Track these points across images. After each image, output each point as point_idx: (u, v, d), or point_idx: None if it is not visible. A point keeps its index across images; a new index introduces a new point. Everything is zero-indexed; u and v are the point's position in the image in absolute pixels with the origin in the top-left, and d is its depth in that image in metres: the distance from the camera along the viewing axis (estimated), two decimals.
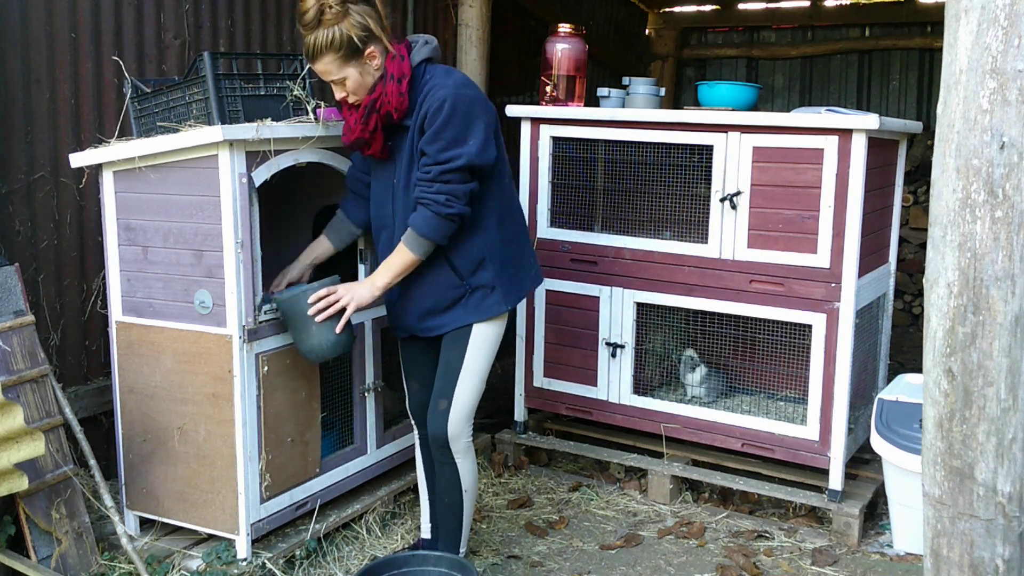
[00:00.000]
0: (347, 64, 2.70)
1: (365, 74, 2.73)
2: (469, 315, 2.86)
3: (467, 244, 2.83)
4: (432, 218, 2.72)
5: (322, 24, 2.66)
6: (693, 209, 3.73)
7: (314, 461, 3.22)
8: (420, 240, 2.75)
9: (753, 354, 3.88)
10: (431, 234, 2.74)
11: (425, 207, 2.73)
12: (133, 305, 3.09)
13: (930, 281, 2.01)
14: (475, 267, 2.85)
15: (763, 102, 7.64)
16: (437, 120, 2.68)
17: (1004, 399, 1.94)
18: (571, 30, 4.03)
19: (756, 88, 3.78)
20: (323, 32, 2.66)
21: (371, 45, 2.70)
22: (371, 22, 2.69)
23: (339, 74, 2.72)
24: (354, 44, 2.67)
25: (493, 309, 2.88)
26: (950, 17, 1.92)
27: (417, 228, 2.74)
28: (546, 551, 3.41)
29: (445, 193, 2.71)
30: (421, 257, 2.78)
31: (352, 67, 2.71)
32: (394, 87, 2.71)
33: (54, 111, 3.41)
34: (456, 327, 2.87)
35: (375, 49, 2.71)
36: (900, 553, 3.42)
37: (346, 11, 2.66)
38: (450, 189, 2.71)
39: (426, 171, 2.73)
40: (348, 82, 2.73)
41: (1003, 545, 2.00)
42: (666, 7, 7.97)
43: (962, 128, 1.90)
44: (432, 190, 2.72)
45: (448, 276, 2.85)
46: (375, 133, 2.77)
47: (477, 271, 2.85)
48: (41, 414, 2.95)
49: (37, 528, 2.90)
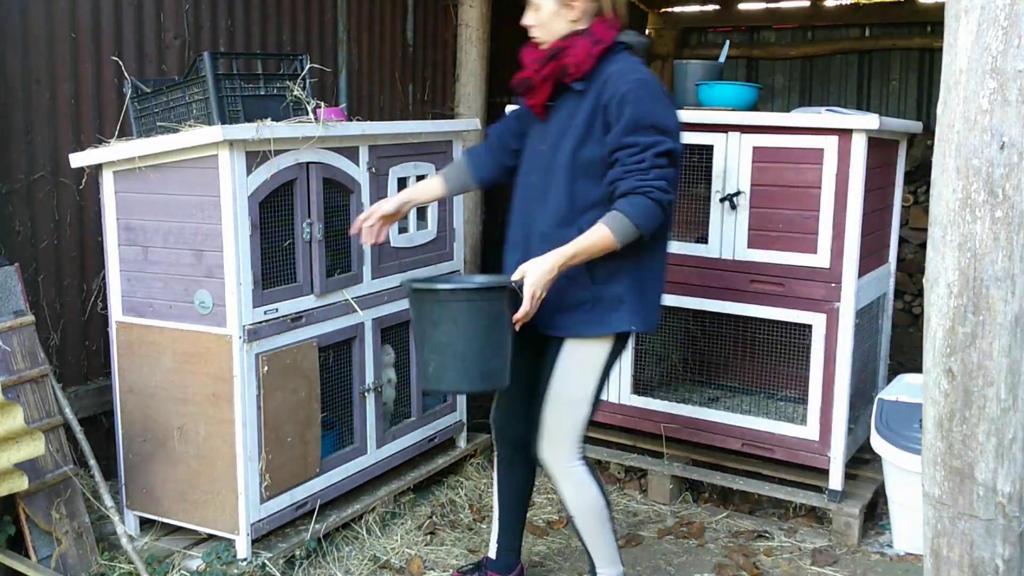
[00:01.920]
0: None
1: (558, 16, 2.58)
2: (585, 326, 2.61)
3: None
4: (651, 206, 2.47)
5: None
6: (693, 209, 3.73)
7: (314, 461, 3.22)
8: (629, 226, 2.47)
9: (753, 354, 3.88)
10: (645, 224, 2.48)
11: (644, 195, 2.47)
12: (133, 305, 3.09)
13: (930, 281, 2.01)
14: (610, 275, 2.59)
15: (763, 102, 7.63)
16: (636, 109, 2.49)
17: (1004, 399, 1.94)
18: None
19: (756, 88, 3.78)
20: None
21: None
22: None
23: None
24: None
25: (615, 324, 2.61)
26: (950, 17, 1.92)
27: (631, 214, 2.46)
28: (546, 551, 3.41)
29: (663, 179, 2.49)
30: (620, 244, 2.49)
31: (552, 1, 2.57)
32: (587, 44, 2.54)
33: (54, 111, 3.41)
34: (564, 334, 2.63)
35: (580, 3, 2.56)
36: (900, 553, 3.42)
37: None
38: (665, 174, 2.49)
39: (638, 160, 2.48)
40: (541, 12, 2.59)
41: (1003, 545, 2.00)
42: (666, 7, 7.97)
43: (962, 128, 1.90)
44: (650, 177, 2.47)
45: (581, 275, 2.57)
46: (544, 82, 2.60)
47: (611, 280, 2.59)
48: (41, 414, 2.95)
49: (37, 528, 2.90)
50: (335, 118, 3.23)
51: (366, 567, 3.22)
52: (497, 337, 2.42)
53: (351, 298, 3.29)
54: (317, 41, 4.55)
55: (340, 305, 3.27)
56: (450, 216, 3.80)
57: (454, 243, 3.83)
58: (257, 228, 2.94)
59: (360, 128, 3.26)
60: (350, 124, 3.24)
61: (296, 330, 3.10)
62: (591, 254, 2.50)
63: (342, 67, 4.69)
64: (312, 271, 3.15)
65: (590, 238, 2.49)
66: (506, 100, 5.56)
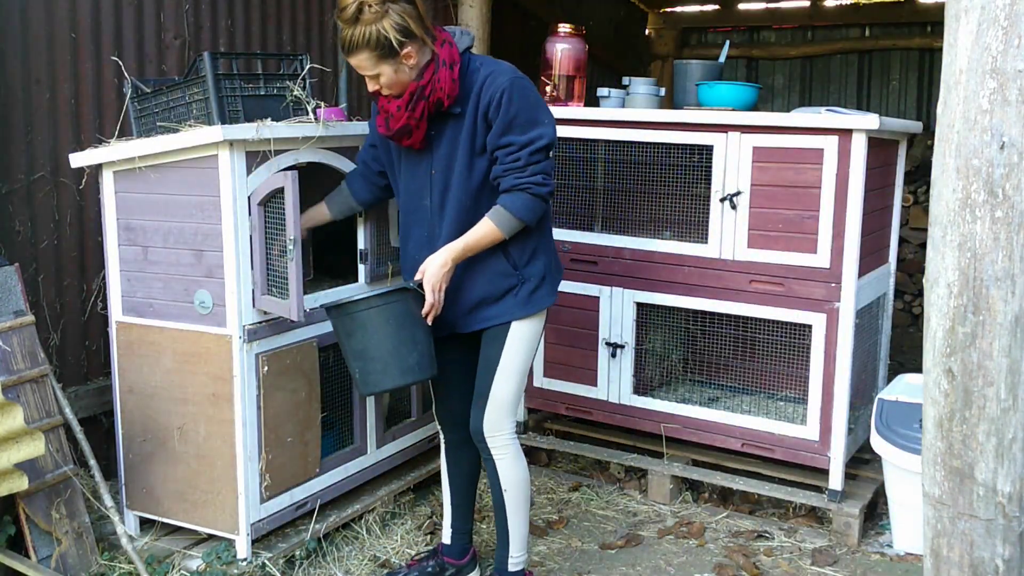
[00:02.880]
0: (382, 62, 2.67)
1: (400, 72, 2.69)
2: (519, 308, 2.84)
3: (523, 233, 2.80)
4: (530, 200, 2.72)
5: (360, 22, 2.62)
6: (693, 209, 3.73)
7: (314, 461, 3.22)
8: (512, 220, 2.72)
9: (753, 354, 3.88)
10: (526, 215, 2.73)
11: (523, 191, 2.71)
12: (133, 305, 3.09)
13: (930, 281, 2.01)
14: (529, 257, 2.84)
15: (763, 102, 7.64)
16: (511, 108, 2.68)
17: (1004, 399, 1.94)
18: (571, 30, 4.03)
19: (756, 88, 3.78)
20: (360, 29, 2.62)
21: (409, 45, 2.65)
22: (411, 22, 2.64)
23: (373, 71, 2.69)
24: (391, 44, 2.63)
25: (541, 302, 2.88)
26: (950, 17, 1.92)
27: (512, 208, 2.71)
28: (546, 551, 3.41)
29: (540, 173, 2.71)
30: (506, 235, 2.75)
31: (387, 65, 2.67)
32: (446, 73, 2.68)
33: (54, 111, 3.41)
34: (503, 321, 2.84)
35: (412, 49, 2.66)
36: (900, 553, 3.42)
37: (386, 11, 2.61)
38: (542, 168, 2.71)
39: (515, 159, 2.70)
40: (383, 78, 2.70)
41: (1003, 545, 2.00)
42: (666, 7, 7.97)
43: (962, 128, 1.91)
44: (527, 174, 2.70)
45: (502, 264, 2.82)
46: (420, 121, 2.72)
47: (530, 262, 2.85)
48: (41, 414, 2.95)
49: (37, 528, 2.90)
50: (335, 118, 3.23)
51: (366, 567, 3.22)
52: (409, 335, 2.70)
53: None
54: (317, 41, 4.55)
55: None
56: None
57: None
58: (257, 228, 2.94)
59: (360, 128, 3.26)
60: (350, 124, 3.24)
61: (296, 330, 3.10)
62: (480, 247, 2.76)
63: (342, 67, 4.69)
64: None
65: (477, 233, 2.74)
66: None
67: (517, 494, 2.94)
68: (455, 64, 2.70)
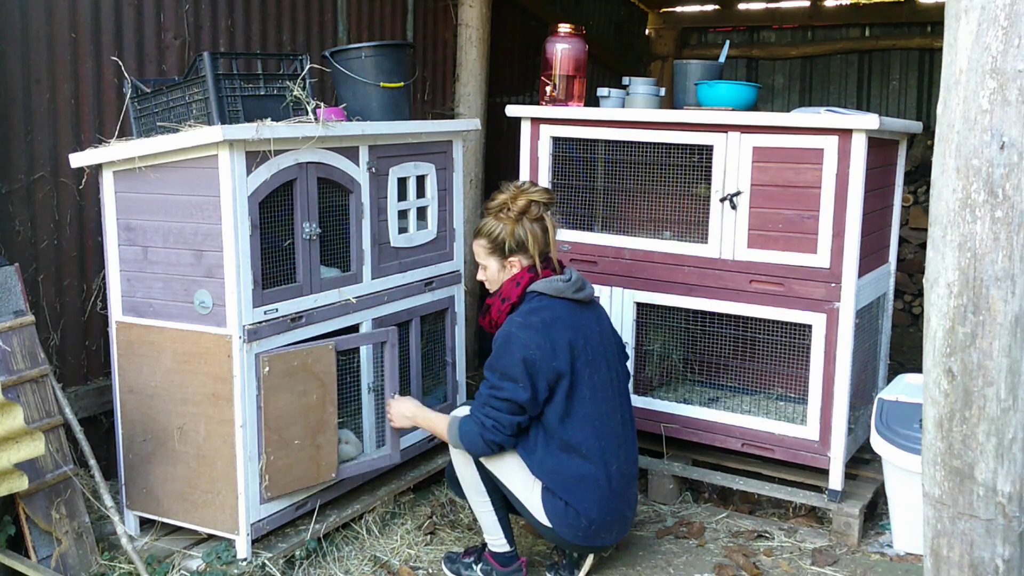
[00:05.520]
0: (491, 256, 3.04)
1: (502, 272, 3.05)
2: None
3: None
4: (475, 435, 2.92)
5: (497, 216, 3.01)
6: (693, 209, 3.73)
7: (328, 466, 3.18)
8: (455, 434, 2.97)
9: (753, 354, 3.88)
10: (465, 441, 2.95)
11: (476, 422, 2.92)
12: (133, 305, 3.09)
13: (930, 281, 2.01)
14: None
15: (763, 102, 7.65)
16: (495, 351, 2.93)
17: (1004, 399, 1.94)
18: (571, 30, 4.03)
19: (756, 88, 3.78)
20: (492, 222, 3.02)
21: (517, 255, 3.01)
22: (530, 240, 2.99)
23: (483, 260, 3.07)
24: (504, 246, 3.01)
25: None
26: (950, 17, 1.92)
27: (460, 426, 2.95)
28: (546, 551, 3.40)
29: (492, 419, 2.89)
30: (449, 442, 3.02)
31: (494, 260, 3.04)
32: (498, 303, 3.05)
33: (54, 111, 3.41)
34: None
35: (517, 260, 3.02)
36: (900, 553, 3.42)
37: (519, 220, 2.99)
38: (496, 416, 2.89)
39: (481, 392, 2.95)
40: (487, 270, 3.07)
41: (1003, 545, 2.00)
42: (666, 7, 7.97)
43: (962, 128, 1.91)
44: (482, 412, 2.91)
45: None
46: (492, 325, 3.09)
47: None
48: (41, 414, 2.95)
49: (37, 528, 2.90)
50: (335, 118, 3.23)
51: (366, 567, 3.22)
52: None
53: (352, 297, 3.30)
54: (317, 41, 4.55)
55: (340, 306, 3.27)
56: (450, 216, 3.80)
57: (454, 243, 3.83)
58: (257, 228, 2.94)
59: (360, 128, 3.26)
60: (350, 124, 3.24)
61: (297, 330, 3.11)
62: (431, 429, 3.17)
63: None
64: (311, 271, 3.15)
65: (435, 421, 3.12)
66: (506, 100, 5.56)
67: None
68: (507, 300, 3.03)
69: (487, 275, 3.08)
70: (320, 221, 3.15)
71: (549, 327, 2.90)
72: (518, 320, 2.93)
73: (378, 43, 3.54)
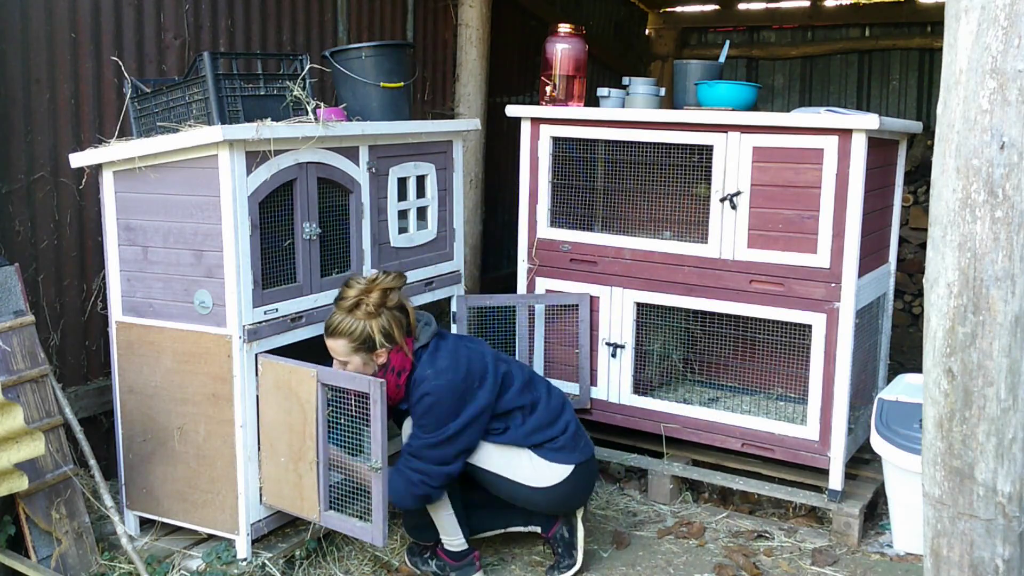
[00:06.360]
0: (356, 353, 2.93)
1: (367, 364, 2.95)
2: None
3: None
4: (401, 483, 2.95)
5: (353, 314, 2.91)
6: (693, 209, 3.73)
7: (310, 504, 2.96)
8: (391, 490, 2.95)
9: (753, 354, 3.88)
10: (396, 500, 2.98)
11: (401, 476, 2.95)
12: (133, 305, 3.09)
13: (930, 281, 2.01)
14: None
15: (763, 102, 7.64)
16: (419, 410, 2.94)
17: (1004, 399, 1.94)
18: (571, 30, 4.03)
19: (756, 88, 3.78)
20: (350, 320, 2.91)
21: (385, 347, 2.93)
22: (395, 330, 2.94)
23: (344, 357, 2.94)
24: (371, 342, 2.92)
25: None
26: (950, 17, 1.92)
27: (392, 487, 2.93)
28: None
29: (420, 472, 2.94)
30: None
31: (359, 356, 2.93)
32: (392, 379, 2.96)
33: (54, 111, 3.41)
34: None
35: (385, 351, 2.94)
36: (900, 553, 3.42)
37: (379, 314, 2.92)
38: (424, 468, 2.93)
39: (409, 444, 2.99)
40: (349, 365, 2.94)
41: (1003, 545, 2.00)
42: (666, 7, 7.97)
43: (962, 128, 1.91)
44: (411, 465, 2.95)
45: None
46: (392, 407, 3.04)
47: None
48: (41, 414, 2.95)
49: (37, 528, 2.90)
50: (335, 118, 3.23)
51: (366, 567, 3.22)
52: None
53: None
54: (317, 41, 4.55)
55: None
56: (450, 216, 3.80)
57: (454, 243, 3.83)
58: (257, 228, 2.94)
59: (360, 128, 3.26)
60: (350, 124, 3.24)
61: (296, 330, 3.11)
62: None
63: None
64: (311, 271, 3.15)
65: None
66: (506, 100, 5.57)
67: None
68: (403, 372, 2.97)
69: (349, 368, 2.95)
70: (320, 221, 3.15)
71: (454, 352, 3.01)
72: (429, 373, 2.96)
73: (378, 43, 3.54)
